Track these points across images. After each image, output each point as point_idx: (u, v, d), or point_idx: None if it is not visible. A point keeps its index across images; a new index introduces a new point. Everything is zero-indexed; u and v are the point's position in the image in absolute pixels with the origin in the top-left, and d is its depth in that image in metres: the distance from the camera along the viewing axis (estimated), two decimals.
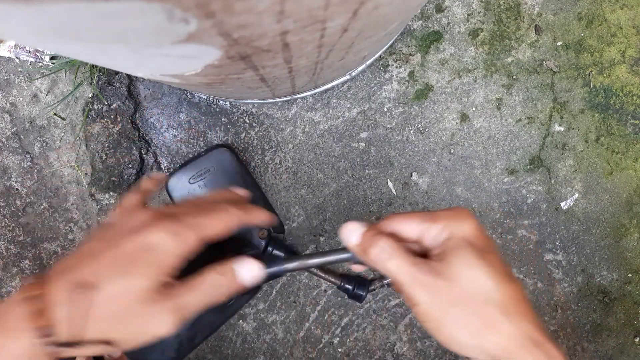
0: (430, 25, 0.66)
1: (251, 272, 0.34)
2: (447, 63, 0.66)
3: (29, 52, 0.64)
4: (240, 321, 0.69)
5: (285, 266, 0.37)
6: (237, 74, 0.36)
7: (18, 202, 0.68)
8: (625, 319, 0.71)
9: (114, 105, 0.65)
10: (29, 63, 0.66)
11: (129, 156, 0.66)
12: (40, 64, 0.65)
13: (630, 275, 0.70)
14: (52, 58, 0.65)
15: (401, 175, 0.68)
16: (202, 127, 0.67)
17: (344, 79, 0.63)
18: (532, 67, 0.67)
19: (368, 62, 0.63)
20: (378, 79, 0.66)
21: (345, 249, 0.36)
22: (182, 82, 0.40)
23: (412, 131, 0.67)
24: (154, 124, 0.67)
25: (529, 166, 0.68)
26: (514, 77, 0.67)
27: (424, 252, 0.36)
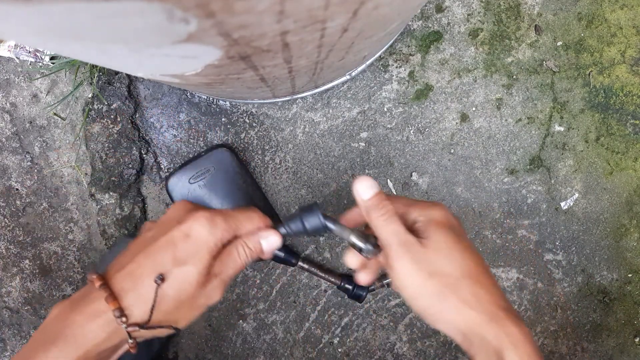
0: (430, 25, 0.66)
1: (273, 243, 0.40)
2: (447, 63, 0.66)
3: (29, 52, 0.64)
4: (240, 321, 0.69)
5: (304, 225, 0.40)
6: (237, 74, 0.36)
7: (18, 202, 0.68)
8: (625, 319, 0.71)
9: (114, 105, 0.65)
10: (29, 63, 0.66)
11: (129, 156, 0.66)
12: (40, 64, 0.66)
13: (630, 275, 0.70)
14: (52, 58, 0.65)
15: (401, 175, 0.68)
16: (202, 127, 0.67)
17: (344, 79, 0.63)
18: (532, 67, 0.67)
19: (368, 62, 0.63)
20: (378, 79, 0.66)
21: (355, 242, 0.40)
22: (182, 82, 0.40)
23: (412, 131, 0.67)
24: (154, 124, 0.67)
25: (529, 166, 0.68)
26: (514, 77, 0.67)
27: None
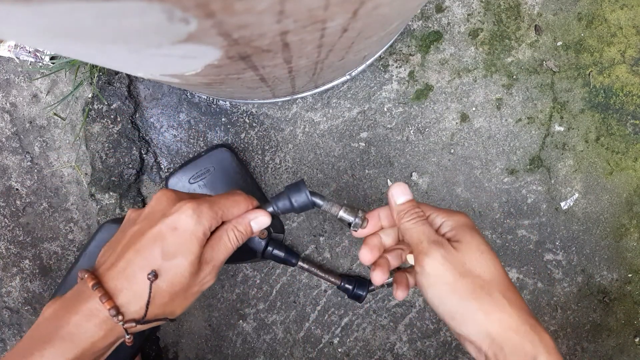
0: (430, 25, 0.66)
1: (262, 223, 0.41)
2: (447, 63, 0.66)
3: (29, 52, 0.64)
4: (240, 321, 0.69)
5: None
6: (237, 74, 0.36)
7: (18, 202, 0.68)
8: (625, 319, 0.71)
9: (114, 105, 0.65)
10: (29, 63, 0.66)
11: (129, 156, 0.66)
12: (40, 64, 0.65)
13: (630, 275, 0.70)
14: (52, 58, 0.65)
15: (401, 175, 0.68)
16: (202, 127, 0.67)
17: (344, 79, 0.63)
18: (532, 67, 0.67)
19: (368, 62, 0.63)
20: (378, 79, 0.66)
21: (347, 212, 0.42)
22: (182, 82, 0.40)
23: (412, 131, 0.67)
24: (154, 124, 0.67)
25: (529, 166, 0.68)
26: (514, 77, 0.67)
27: None
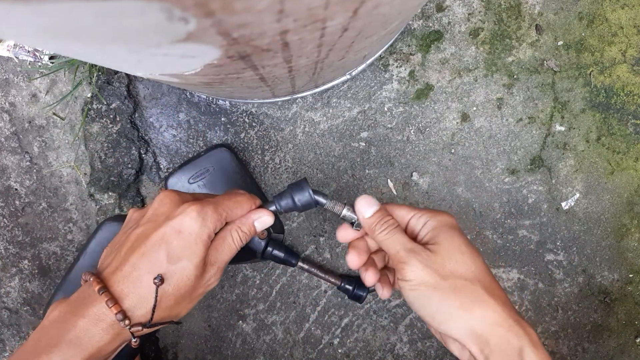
0: (431, 25, 0.66)
1: (266, 223, 0.42)
2: (447, 62, 0.66)
3: (28, 51, 0.64)
4: (240, 322, 0.69)
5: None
6: (236, 73, 0.36)
7: (17, 202, 0.68)
8: (626, 319, 0.71)
9: (113, 105, 0.65)
10: (28, 63, 0.66)
11: (128, 156, 0.66)
12: (40, 63, 0.65)
13: (631, 276, 0.70)
14: (51, 58, 0.65)
15: (401, 175, 0.68)
16: (202, 126, 0.67)
17: (344, 78, 0.63)
18: (533, 66, 0.66)
19: (368, 62, 0.63)
20: (378, 78, 0.66)
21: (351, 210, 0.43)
22: (182, 81, 0.40)
23: (412, 131, 0.67)
24: (153, 124, 0.67)
25: (529, 166, 0.68)
26: (515, 76, 0.66)
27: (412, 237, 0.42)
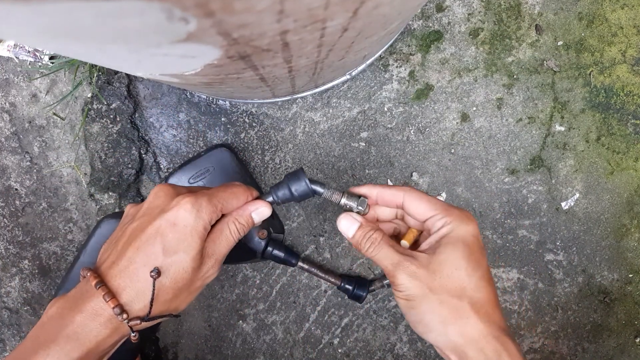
0: (431, 25, 0.66)
1: (264, 214, 0.41)
2: (447, 62, 0.66)
3: (28, 51, 0.64)
4: (240, 321, 0.69)
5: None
6: (236, 73, 0.36)
7: (17, 202, 0.68)
8: (626, 319, 0.71)
9: (113, 105, 0.65)
10: (28, 63, 0.66)
11: (128, 156, 0.66)
12: (40, 63, 0.65)
13: (631, 276, 0.70)
14: (51, 58, 0.65)
15: (401, 175, 0.68)
16: (202, 126, 0.67)
17: (344, 78, 0.63)
18: (532, 66, 0.66)
19: (368, 62, 0.63)
20: (378, 78, 0.66)
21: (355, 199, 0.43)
22: (182, 81, 0.40)
23: (412, 131, 0.67)
24: (154, 124, 0.67)
25: (529, 166, 0.68)
26: (515, 76, 0.66)
27: (412, 233, 0.42)
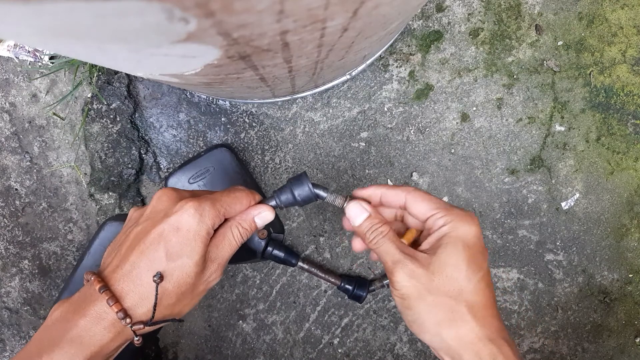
0: (431, 25, 0.66)
1: (266, 218, 0.41)
2: (447, 62, 0.66)
3: (28, 51, 0.64)
4: (240, 321, 0.69)
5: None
6: (236, 73, 0.36)
7: (17, 202, 0.68)
8: (626, 319, 0.71)
9: (113, 105, 0.65)
10: (28, 63, 0.66)
11: (128, 156, 0.66)
12: (40, 63, 0.65)
13: (631, 276, 0.70)
14: (51, 58, 0.65)
15: (401, 175, 0.68)
16: (202, 126, 0.67)
17: (344, 78, 0.63)
18: (532, 66, 0.66)
19: (368, 62, 0.63)
20: (378, 78, 0.66)
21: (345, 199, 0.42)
22: (182, 81, 0.40)
23: (412, 131, 0.67)
24: (154, 124, 0.67)
25: (529, 166, 0.68)
26: (515, 76, 0.66)
27: (409, 231, 0.42)
